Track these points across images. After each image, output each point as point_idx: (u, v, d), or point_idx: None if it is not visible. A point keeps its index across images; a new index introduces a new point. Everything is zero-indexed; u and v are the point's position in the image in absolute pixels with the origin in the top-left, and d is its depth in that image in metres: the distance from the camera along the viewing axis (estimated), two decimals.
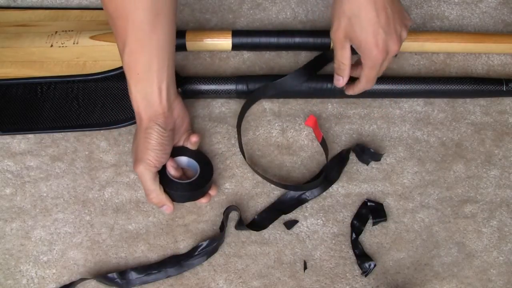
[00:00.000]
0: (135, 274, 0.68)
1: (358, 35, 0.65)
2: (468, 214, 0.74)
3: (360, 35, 0.64)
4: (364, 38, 0.64)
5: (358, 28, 0.64)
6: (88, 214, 0.72)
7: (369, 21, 0.63)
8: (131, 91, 0.65)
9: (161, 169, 0.67)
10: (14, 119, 0.77)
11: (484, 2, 0.90)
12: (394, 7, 0.65)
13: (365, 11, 0.63)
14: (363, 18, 0.63)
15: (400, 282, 0.69)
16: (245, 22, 0.87)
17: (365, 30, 0.64)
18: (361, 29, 0.64)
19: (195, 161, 0.71)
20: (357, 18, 0.64)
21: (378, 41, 0.64)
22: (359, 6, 0.63)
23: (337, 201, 0.74)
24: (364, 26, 0.64)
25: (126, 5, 0.60)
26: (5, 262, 0.69)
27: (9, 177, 0.74)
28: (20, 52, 0.80)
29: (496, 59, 0.85)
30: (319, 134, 0.74)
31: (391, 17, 0.64)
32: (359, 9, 0.63)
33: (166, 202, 0.68)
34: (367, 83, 0.70)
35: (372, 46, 0.64)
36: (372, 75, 0.68)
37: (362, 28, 0.64)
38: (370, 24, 0.63)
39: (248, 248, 0.71)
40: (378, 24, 0.63)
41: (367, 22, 0.63)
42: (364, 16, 0.63)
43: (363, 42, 0.65)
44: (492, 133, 0.79)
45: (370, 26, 0.63)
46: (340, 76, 0.71)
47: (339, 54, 0.69)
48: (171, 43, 0.65)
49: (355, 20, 0.64)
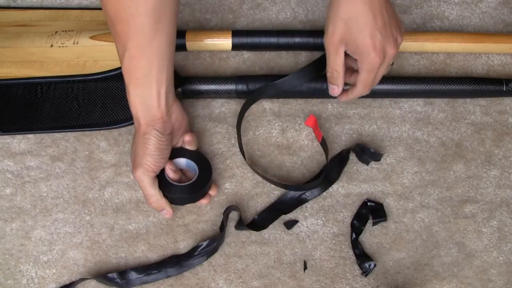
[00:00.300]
0: (135, 274, 0.68)
1: (355, 38, 0.65)
2: (468, 214, 0.74)
3: (357, 38, 0.64)
4: (361, 41, 0.64)
5: (355, 30, 0.64)
6: (88, 214, 0.72)
7: (366, 24, 0.63)
8: (129, 95, 0.64)
9: (159, 172, 0.67)
10: (14, 119, 0.77)
11: (484, 2, 0.90)
12: (390, 12, 0.65)
13: (362, 13, 0.63)
14: (360, 20, 0.63)
15: (400, 282, 0.69)
16: (245, 22, 0.87)
17: (362, 32, 0.64)
18: (358, 31, 0.64)
19: (193, 162, 0.71)
20: (353, 20, 0.64)
21: (376, 43, 0.64)
22: (356, 9, 0.63)
23: (337, 201, 0.74)
24: (361, 28, 0.64)
25: (127, 10, 0.59)
26: (5, 262, 0.69)
27: (9, 177, 0.74)
28: (20, 52, 0.80)
29: (496, 59, 0.85)
30: (319, 134, 0.74)
31: (387, 21, 0.64)
32: (356, 11, 0.63)
33: (165, 206, 0.68)
34: (364, 89, 0.69)
35: (369, 48, 0.64)
36: (370, 80, 0.68)
37: (360, 30, 0.64)
38: (367, 26, 0.63)
39: (248, 248, 0.71)
40: (375, 26, 0.64)
41: (364, 24, 0.64)
42: (361, 19, 0.63)
43: (360, 45, 0.65)
44: (492, 133, 0.79)
45: (367, 28, 0.64)
46: (334, 85, 0.71)
47: (332, 60, 0.68)
48: (171, 48, 0.64)
49: (351, 22, 0.64)
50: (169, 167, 0.68)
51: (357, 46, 0.65)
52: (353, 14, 0.64)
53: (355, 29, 0.64)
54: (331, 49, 0.67)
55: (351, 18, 0.64)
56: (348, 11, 0.64)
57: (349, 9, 0.64)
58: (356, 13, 0.63)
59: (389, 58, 0.66)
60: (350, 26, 0.64)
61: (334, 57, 0.68)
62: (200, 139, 0.77)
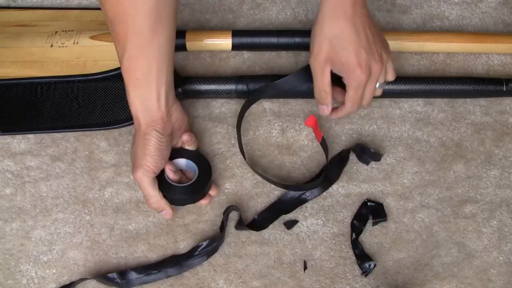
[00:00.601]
0: (135, 274, 0.68)
1: (340, 56, 0.66)
2: (468, 214, 0.74)
3: (342, 56, 0.66)
4: (346, 59, 0.66)
5: (340, 49, 0.66)
6: (88, 214, 0.72)
7: (350, 42, 0.65)
8: (129, 96, 0.64)
9: (159, 173, 0.67)
10: (14, 119, 0.77)
11: (484, 2, 0.90)
12: (373, 29, 0.67)
13: (346, 32, 0.65)
14: (344, 38, 0.65)
15: (400, 282, 0.69)
16: (245, 22, 0.87)
17: (347, 50, 0.65)
18: (343, 49, 0.65)
19: (193, 163, 0.71)
20: (338, 39, 0.65)
21: (361, 61, 0.65)
22: (340, 28, 0.65)
23: (337, 201, 0.74)
24: (345, 46, 0.65)
25: (127, 10, 0.59)
26: (5, 262, 0.69)
27: (9, 177, 0.74)
28: (20, 52, 0.80)
29: (496, 59, 0.85)
30: (319, 134, 0.74)
31: (371, 38, 0.66)
32: (339, 30, 0.65)
33: (165, 207, 0.68)
34: (352, 106, 0.70)
35: (355, 65, 0.65)
36: (357, 97, 0.69)
37: (344, 49, 0.65)
38: (352, 44, 0.65)
39: (248, 248, 0.71)
40: (360, 44, 0.65)
41: (349, 43, 0.65)
42: (345, 37, 0.65)
43: (345, 63, 0.66)
44: (492, 133, 0.79)
45: (352, 46, 0.65)
46: (323, 104, 0.71)
47: (319, 80, 0.69)
48: (171, 48, 0.64)
49: (336, 41, 0.65)
50: (169, 168, 0.68)
51: (343, 64, 0.66)
52: (337, 33, 0.65)
53: (340, 47, 0.66)
54: (317, 69, 0.68)
55: (335, 37, 0.65)
56: (332, 30, 0.65)
57: (333, 28, 0.65)
58: (340, 32, 0.65)
59: (375, 74, 0.67)
60: (335, 44, 0.66)
61: (321, 77, 0.69)
62: (200, 139, 0.77)
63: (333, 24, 0.65)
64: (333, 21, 0.65)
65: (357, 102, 0.69)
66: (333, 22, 0.65)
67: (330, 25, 0.65)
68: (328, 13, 0.65)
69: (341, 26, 0.65)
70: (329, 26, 0.65)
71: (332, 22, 0.65)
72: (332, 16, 0.65)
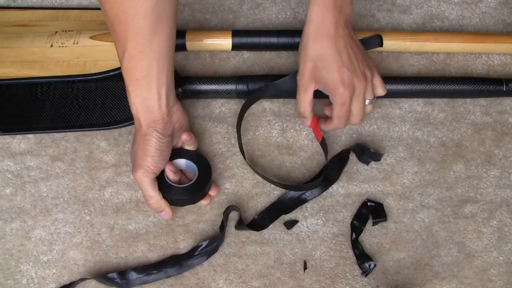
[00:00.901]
0: (135, 274, 0.67)
1: (323, 75, 0.68)
2: (468, 214, 0.74)
3: (326, 75, 0.68)
4: (330, 77, 0.68)
5: (322, 68, 0.68)
6: (88, 214, 0.72)
7: (333, 61, 0.67)
8: (130, 96, 0.64)
9: (159, 173, 0.67)
10: (14, 119, 0.77)
11: (484, 2, 0.90)
12: (356, 49, 0.69)
13: (328, 52, 0.67)
14: (327, 58, 0.67)
15: (400, 282, 0.69)
16: (245, 22, 0.87)
17: (330, 69, 0.67)
18: (325, 69, 0.67)
19: (193, 163, 0.71)
20: (321, 59, 0.68)
21: (344, 79, 0.67)
22: (322, 48, 0.67)
23: (337, 201, 0.74)
24: (328, 65, 0.67)
25: (127, 10, 0.59)
26: (5, 262, 0.69)
27: (9, 177, 0.74)
28: (20, 52, 0.80)
29: (496, 59, 0.85)
30: (319, 134, 0.74)
31: (353, 57, 0.68)
32: (322, 50, 0.67)
33: (165, 208, 0.68)
34: (338, 122, 0.71)
35: (338, 83, 0.67)
36: (342, 114, 0.70)
37: (327, 68, 0.67)
38: (334, 63, 0.67)
39: (248, 248, 0.71)
40: (342, 63, 0.67)
41: (331, 62, 0.67)
42: (328, 57, 0.67)
43: (329, 81, 0.68)
44: (492, 133, 0.79)
45: (334, 65, 0.67)
46: (305, 118, 0.74)
47: (302, 96, 0.71)
48: (171, 48, 0.64)
49: (319, 61, 0.68)
50: (169, 168, 0.68)
51: (326, 83, 0.68)
52: (320, 52, 0.67)
53: (322, 67, 0.68)
54: (301, 86, 0.71)
55: (318, 58, 0.68)
56: (316, 50, 0.68)
57: (316, 48, 0.67)
58: (322, 52, 0.67)
59: (359, 92, 0.69)
60: (318, 64, 0.68)
61: (304, 94, 0.71)
62: (200, 139, 0.77)
63: (316, 44, 0.67)
64: (316, 41, 0.67)
65: (343, 118, 0.71)
66: (316, 42, 0.67)
67: (313, 46, 0.68)
68: (312, 34, 0.68)
69: (323, 47, 0.67)
70: (312, 47, 0.68)
71: (316, 43, 0.67)
72: (316, 36, 0.67)
